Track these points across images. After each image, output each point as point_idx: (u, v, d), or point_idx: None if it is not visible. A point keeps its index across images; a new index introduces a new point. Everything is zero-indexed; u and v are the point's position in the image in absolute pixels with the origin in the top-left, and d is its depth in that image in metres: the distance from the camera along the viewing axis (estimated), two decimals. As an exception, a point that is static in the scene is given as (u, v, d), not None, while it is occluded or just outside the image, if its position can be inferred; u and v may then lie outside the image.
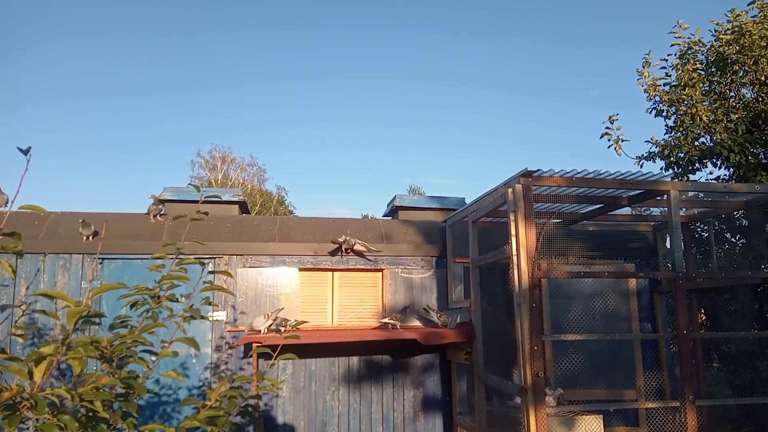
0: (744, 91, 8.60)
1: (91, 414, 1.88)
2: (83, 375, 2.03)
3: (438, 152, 56.91)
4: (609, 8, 54.38)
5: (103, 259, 6.36)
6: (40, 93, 44.81)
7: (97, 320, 2.00)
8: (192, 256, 2.65)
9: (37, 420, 1.70)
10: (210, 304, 2.83)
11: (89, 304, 1.80)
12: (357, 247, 6.68)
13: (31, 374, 1.66)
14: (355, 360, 6.72)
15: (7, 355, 1.77)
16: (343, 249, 6.75)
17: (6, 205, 6.33)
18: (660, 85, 9.12)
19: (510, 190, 5.04)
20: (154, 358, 2.27)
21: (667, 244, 7.34)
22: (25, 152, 2.09)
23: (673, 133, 9.12)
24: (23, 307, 2.47)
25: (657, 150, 9.01)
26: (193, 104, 48.59)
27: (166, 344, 2.29)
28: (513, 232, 4.96)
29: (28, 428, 2.00)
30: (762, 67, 7.82)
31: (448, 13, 54.61)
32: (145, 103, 47.63)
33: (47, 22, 42.87)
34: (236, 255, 6.66)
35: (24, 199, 1.98)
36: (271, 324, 6.02)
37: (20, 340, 5.73)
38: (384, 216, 8.81)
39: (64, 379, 5.61)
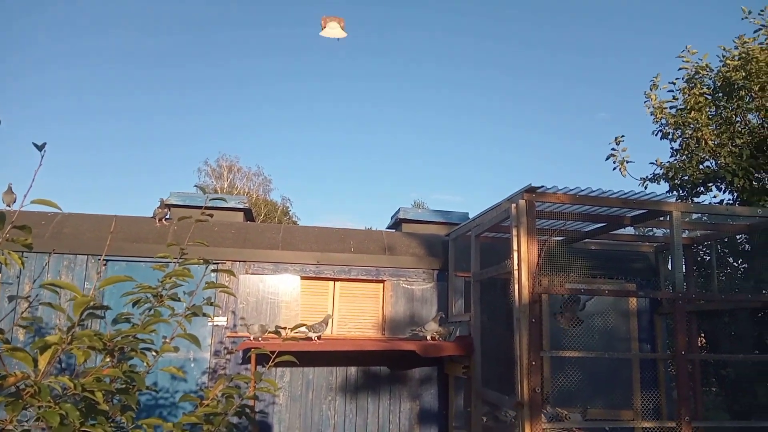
0: (750, 116, 8.66)
1: (91, 405, 1.91)
2: (84, 368, 2.07)
3: (446, 168, 57.06)
4: (624, 24, 54.52)
5: (107, 260, 6.41)
6: (47, 89, 45.17)
7: (101, 313, 2.04)
8: (195, 258, 2.70)
9: (39, 408, 1.73)
10: (212, 304, 2.86)
11: (95, 296, 1.84)
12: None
13: (35, 362, 1.70)
14: (353, 370, 6.72)
15: (11, 345, 1.81)
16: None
17: (12, 205, 6.42)
18: (667, 108, 9.18)
19: (513, 205, 5.08)
20: (154, 354, 2.30)
21: (669, 266, 7.35)
22: (40, 148, 2.15)
23: (678, 155, 9.17)
24: (29, 299, 2.51)
25: (662, 172, 9.07)
26: (202, 110, 48.96)
27: (167, 340, 2.33)
28: (515, 247, 4.99)
29: (27, 419, 2.03)
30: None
31: (468, 21, 54.85)
32: (153, 105, 47.92)
33: (53, 15, 43.25)
34: (239, 261, 6.70)
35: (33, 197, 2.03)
36: (265, 330, 6.03)
37: (21, 336, 5.78)
38: (388, 228, 8.84)
39: (65, 373, 5.64)
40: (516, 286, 4.94)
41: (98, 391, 1.88)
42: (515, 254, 4.98)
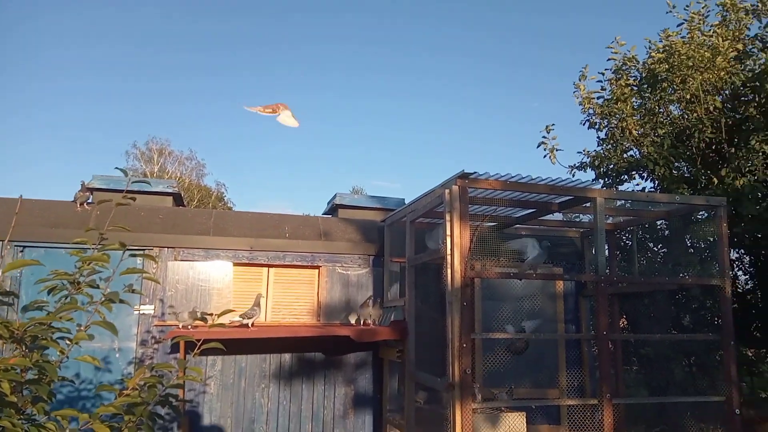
0: (671, 107, 9.09)
1: (-3, 398, 1.79)
2: (-9, 358, 1.93)
3: (382, 157, 57.30)
4: (560, 10, 56.06)
5: (24, 246, 6.03)
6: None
7: (9, 300, 1.91)
8: (115, 244, 2.56)
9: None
10: (134, 291, 2.74)
11: (1, 283, 1.72)
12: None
13: (-71, 353, 1.57)
14: (287, 357, 6.66)
15: None
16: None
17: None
18: (594, 98, 9.50)
19: (447, 191, 5.14)
20: (68, 343, 2.18)
21: (593, 250, 7.67)
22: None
23: (604, 145, 9.53)
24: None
25: (588, 161, 9.41)
26: (132, 94, 46.89)
27: (81, 328, 2.21)
28: (448, 232, 5.06)
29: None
30: (688, 86, 8.28)
31: (403, 3, 54.94)
32: (78, 88, 45.50)
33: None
34: (168, 247, 6.48)
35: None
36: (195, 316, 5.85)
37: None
38: (324, 214, 8.78)
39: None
40: (449, 271, 5.01)
41: (5, 381, 1.76)
42: (448, 239, 5.05)
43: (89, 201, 6.60)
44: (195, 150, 35.70)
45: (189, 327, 5.91)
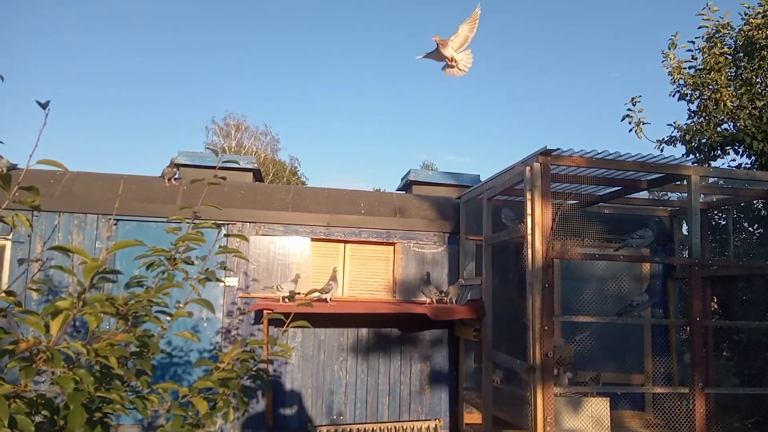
0: (771, 77, 8.39)
1: (105, 370, 1.88)
2: (98, 332, 2.04)
3: (453, 130, 56.55)
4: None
5: (118, 220, 6.39)
6: (59, 51, 44.83)
7: (113, 277, 2.00)
8: (208, 221, 2.64)
9: (53, 373, 1.70)
10: (225, 268, 2.82)
11: (105, 260, 1.79)
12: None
13: (47, 327, 1.66)
14: (364, 332, 6.75)
15: (23, 308, 1.77)
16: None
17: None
18: (685, 68, 8.92)
19: (528, 168, 4.98)
20: (168, 319, 2.27)
21: (684, 231, 7.26)
22: (44, 106, 2.06)
23: (695, 117, 8.96)
24: (39, 262, 2.48)
25: (679, 134, 8.87)
26: (209, 71, 48.47)
27: (180, 305, 2.29)
28: (529, 211, 4.91)
29: (44, 381, 2.02)
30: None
31: (471, -11, 53.58)
32: (162, 67, 47.54)
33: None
34: (249, 222, 6.67)
35: (39, 158, 1.96)
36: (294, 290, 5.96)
37: (35, 295, 5.82)
38: (398, 190, 8.76)
39: (79, 335, 5.70)
40: (529, 251, 4.88)
41: (112, 356, 1.85)
42: (529, 218, 4.91)
43: (176, 176, 6.88)
44: (270, 125, 36.49)
45: (286, 300, 6.02)
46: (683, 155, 8.68)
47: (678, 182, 5.75)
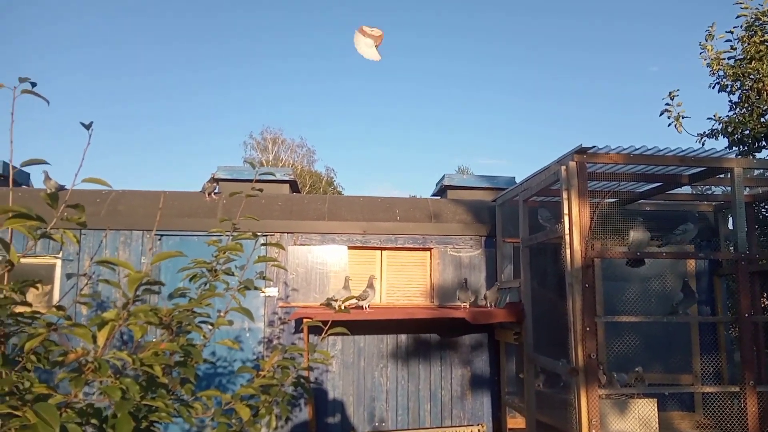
0: (817, 64, 8.08)
1: (150, 379, 1.95)
2: (143, 342, 2.11)
3: (488, 134, 56.15)
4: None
5: (161, 235, 6.58)
6: (94, 66, 46.41)
7: (156, 288, 2.07)
8: (247, 232, 2.71)
9: (100, 382, 1.77)
10: (264, 278, 2.89)
11: (149, 272, 1.86)
12: None
13: (94, 338, 1.73)
14: (403, 338, 6.76)
15: (72, 321, 1.86)
16: None
17: (55, 189, 6.64)
18: (724, 59, 8.67)
19: (563, 167, 4.92)
20: (210, 328, 2.34)
21: (729, 225, 7.03)
22: (87, 127, 2.16)
23: (737, 109, 8.69)
24: (86, 276, 2.58)
25: (720, 127, 8.62)
26: (244, 84, 49.45)
27: (221, 314, 2.36)
28: (566, 211, 4.85)
29: (93, 393, 2.10)
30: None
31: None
32: (199, 80, 48.69)
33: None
34: (287, 233, 6.77)
35: (84, 176, 2.05)
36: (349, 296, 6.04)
37: (84, 310, 6.03)
38: (432, 195, 8.76)
39: (126, 347, 5.89)
40: (568, 251, 4.82)
41: (157, 365, 1.91)
42: (566, 218, 4.85)
43: (216, 191, 7.05)
44: (305, 137, 36.92)
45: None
46: (726, 148, 8.42)
47: (721, 175, 5.59)
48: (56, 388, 1.78)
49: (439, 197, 8.30)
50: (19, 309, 2.02)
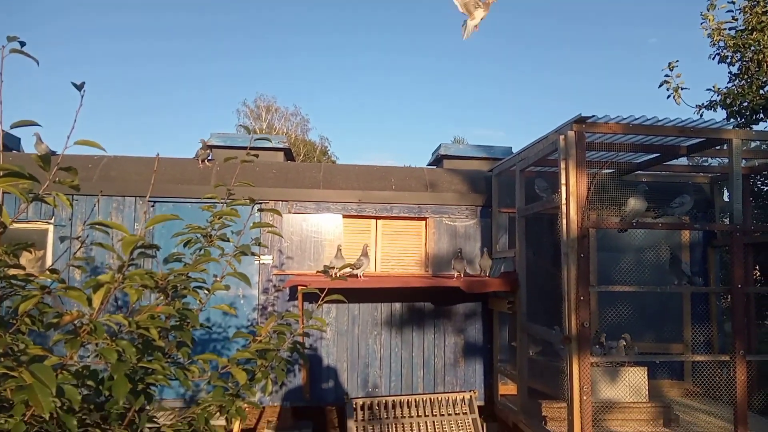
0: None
1: (147, 342, 1.94)
2: (138, 307, 2.09)
3: (485, 106, 55.75)
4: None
5: (155, 202, 6.52)
6: (88, 33, 45.58)
7: (152, 252, 2.04)
8: (242, 198, 2.67)
9: (96, 345, 1.76)
10: (259, 244, 2.86)
11: (144, 236, 1.83)
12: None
13: (90, 301, 1.71)
14: (397, 306, 6.80)
15: (66, 285, 1.83)
16: None
17: (47, 153, 6.55)
18: (725, 29, 8.58)
19: (562, 136, 4.88)
20: (206, 293, 2.32)
21: (725, 197, 7.05)
22: (79, 87, 2.10)
23: (736, 80, 8.64)
24: (80, 239, 2.55)
25: (719, 99, 8.58)
26: (239, 52, 48.69)
27: (217, 279, 2.34)
28: (563, 181, 4.83)
29: (88, 356, 2.09)
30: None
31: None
32: (192, 48, 47.94)
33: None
34: (282, 201, 6.73)
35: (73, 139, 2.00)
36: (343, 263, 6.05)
37: (77, 276, 6.01)
38: (428, 165, 8.71)
39: (120, 312, 5.88)
40: (564, 221, 4.81)
41: (153, 328, 1.90)
42: (563, 188, 4.83)
43: (210, 158, 6.97)
44: (299, 105, 36.57)
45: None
46: (724, 120, 8.39)
47: (719, 147, 5.57)
48: (51, 351, 1.76)
49: (435, 167, 8.26)
50: (12, 272, 2.00)
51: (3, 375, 1.54)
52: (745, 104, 8.21)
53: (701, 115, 8.80)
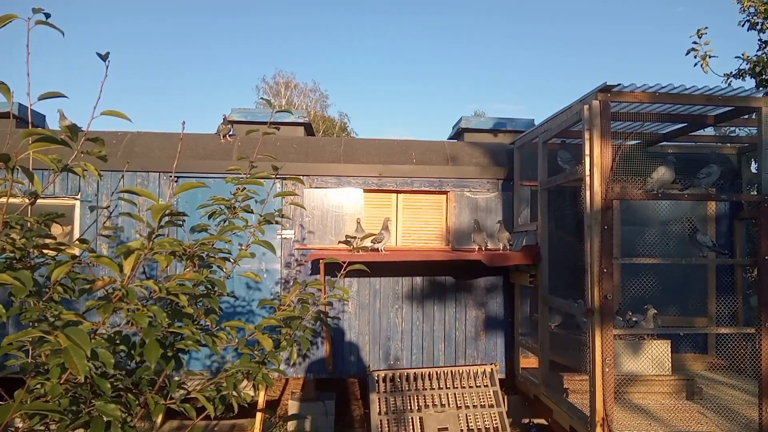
0: None
1: (176, 309, 1.98)
2: (168, 274, 2.13)
3: (507, 82, 54.93)
4: None
5: (178, 177, 6.59)
6: (113, 13, 45.78)
7: (179, 221, 2.07)
8: (265, 171, 2.69)
9: (128, 311, 1.80)
10: (282, 216, 2.89)
11: (171, 204, 1.85)
12: None
13: (120, 268, 1.75)
14: (418, 280, 6.82)
15: (96, 254, 1.87)
16: None
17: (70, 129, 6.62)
18: (757, -5, 8.29)
19: (586, 106, 4.80)
20: (231, 262, 2.35)
21: (753, 168, 6.89)
22: (104, 58, 2.12)
23: (766, 48, 8.37)
24: (107, 209, 2.60)
25: (748, 67, 8.32)
26: (259, 30, 48.49)
27: (243, 247, 2.37)
28: (587, 152, 4.76)
29: (119, 323, 2.14)
30: None
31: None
32: (212, 27, 47.89)
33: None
34: (303, 175, 6.75)
35: (100, 120, 2.02)
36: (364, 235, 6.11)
37: (105, 249, 6.13)
38: (449, 138, 8.65)
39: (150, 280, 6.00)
40: (588, 193, 4.75)
41: (182, 294, 1.94)
42: (587, 159, 4.76)
43: (231, 133, 7.00)
44: (318, 82, 36.45)
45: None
46: (753, 89, 8.16)
47: (747, 116, 5.43)
48: (84, 318, 1.81)
49: (455, 140, 8.19)
50: (43, 242, 2.04)
51: (39, 339, 1.59)
52: (776, 73, 7.97)
53: (729, 84, 8.56)
